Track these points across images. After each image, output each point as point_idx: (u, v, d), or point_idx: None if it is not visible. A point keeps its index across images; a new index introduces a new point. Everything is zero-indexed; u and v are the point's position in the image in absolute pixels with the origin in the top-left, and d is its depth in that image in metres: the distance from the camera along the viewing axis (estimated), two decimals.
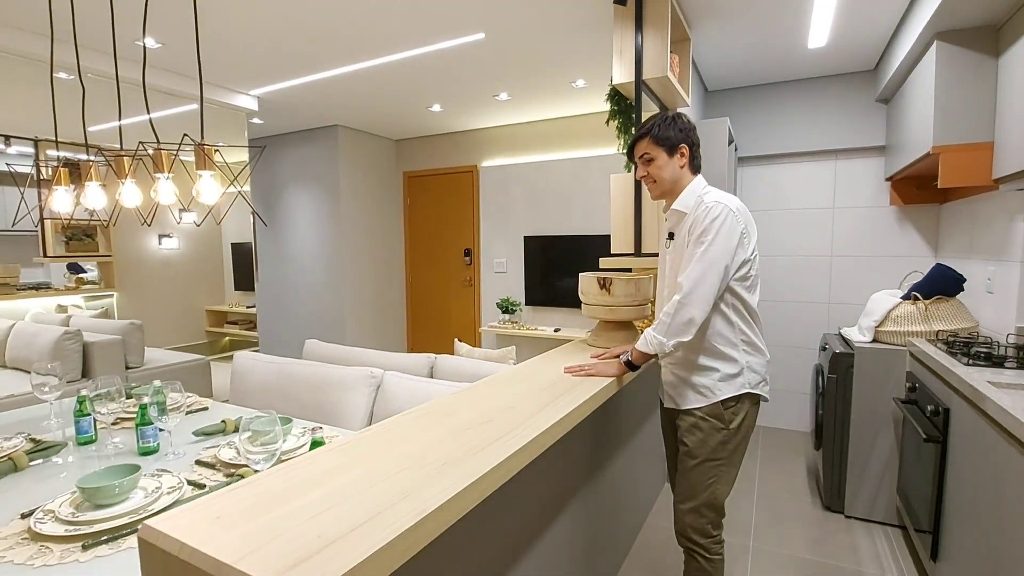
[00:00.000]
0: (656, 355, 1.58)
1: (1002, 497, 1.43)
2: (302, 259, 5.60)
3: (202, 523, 0.76)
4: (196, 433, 1.70)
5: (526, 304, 5.12)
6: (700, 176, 1.66)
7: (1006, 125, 2.18)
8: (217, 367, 5.18)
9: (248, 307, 6.70)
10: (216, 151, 1.35)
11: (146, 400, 1.56)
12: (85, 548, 1.10)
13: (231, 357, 6.67)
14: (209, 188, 1.34)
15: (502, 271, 5.28)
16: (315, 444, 1.26)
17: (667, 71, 2.32)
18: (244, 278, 6.90)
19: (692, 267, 1.49)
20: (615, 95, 2.63)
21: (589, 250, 4.71)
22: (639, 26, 2.33)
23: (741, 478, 3.08)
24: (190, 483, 1.37)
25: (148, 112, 1.37)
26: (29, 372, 3.77)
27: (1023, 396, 1.55)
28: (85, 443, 1.69)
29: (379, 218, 5.68)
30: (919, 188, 3.34)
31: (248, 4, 2.55)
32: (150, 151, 1.28)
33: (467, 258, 5.48)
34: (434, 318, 5.82)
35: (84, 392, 1.69)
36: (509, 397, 1.38)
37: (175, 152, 1.31)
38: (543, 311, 5.07)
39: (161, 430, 1.60)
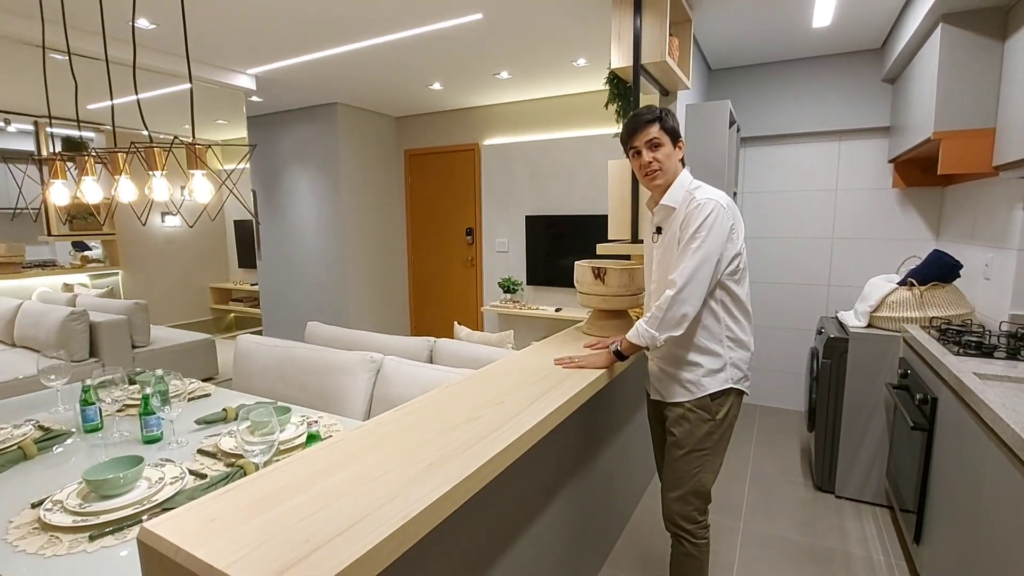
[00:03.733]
0: (646, 347, 1.61)
1: (981, 489, 1.47)
2: (304, 237, 5.62)
3: (197, 526, 0.80)
4: (198, 422, 1.75)
5: (527, 284, 5.14)
6: (686, 170, 1.66)
7: (1010, 111, 2.15)
8: (222, 344, 5.26)
9: (252, 284, 6.76)
10: (208, 148, 1.36)
11: (148, 391, 1.61)
12: (92, 539, 1.15)
13: (236, 335, 6.73)
14: (202, 187, 1.35)
15: (503, 250, 5.29)
16: (311, 438, 1.31)
17: (665, 56, 2.28)
18: (248, 255, 6.92)
19: (685, 263, 1.50)
20: (614, 79, 2.59)
21: (591, 230, 4.70)
22: (638, 9, 2.28)
23: (734, 459, 3.15)
24: (192, 472, 1.42)
25: (138, 103, 1.37)
26: (38, 351, 3.86)
27: (1008, 389, 1.58)
28: (91, 431, 1.74)
29: (380, 196, 5.67)
30: (923, 171, 3.30)
31: None
32: (154, 146, 1.30)
33: (469, 237, 5.48)
34: (436, 296, 5.85)
35: (89, 381, 1.73)
36: (498, 391, 1.41)
37: (167, 150, 1.32)
38: (544, 291, 5.09)
39: (163, 419, 1.65)
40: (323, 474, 0.96)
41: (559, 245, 4.94)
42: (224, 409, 1.81)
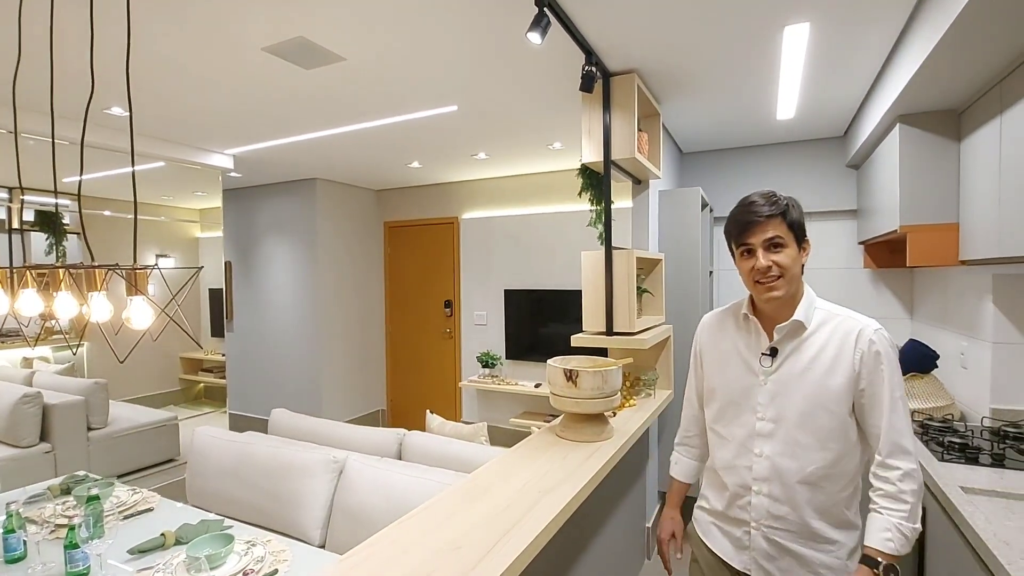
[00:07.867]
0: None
1: None
2: (280, 307, 5.50)
3: None
4: (131, 552, 1.59)
5: (506, 358, 5.04)
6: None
7: (970, 210, 2.19)
8: (186, 423, 5.02)
9: (224, 355, 6.56)
10: (152, 269, 1.30)
11: (76, 520, 1.46)
12: None
13: (204, 403, 6.38)
14: (140, 313, 1.27)
15: (482, 323, 5.22)
16: None
17: (635, 153, 2.32)
18: (221, 324, 6.76)
19: (905, 424, 1.19)
20: (586, 170, 2.62)
21: (569, 305, 4.68)
22: (607, 108, 2.33)
23: None
24: None
25: (80, 204, 1.31)
26: None
27: (996, 507, 1.51)
28: (13, 562, 1.58)
29: (359, 267, 5.63)
30: (892, 252, 3.35)
31: (221, 75, 2.53)
32: (96, 267, 1.23)
33: (447, 310, 5.42)
34: (414, 369, 5.71)
35: (13, 507, 1.58)
36: (459, 528, 1.30)
37: (107, 273, 1.26)
38: (523, 365, 4.99)
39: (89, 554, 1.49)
40: None
41: (538, 319, 4.89)
42: (163, 534, 1.65)
